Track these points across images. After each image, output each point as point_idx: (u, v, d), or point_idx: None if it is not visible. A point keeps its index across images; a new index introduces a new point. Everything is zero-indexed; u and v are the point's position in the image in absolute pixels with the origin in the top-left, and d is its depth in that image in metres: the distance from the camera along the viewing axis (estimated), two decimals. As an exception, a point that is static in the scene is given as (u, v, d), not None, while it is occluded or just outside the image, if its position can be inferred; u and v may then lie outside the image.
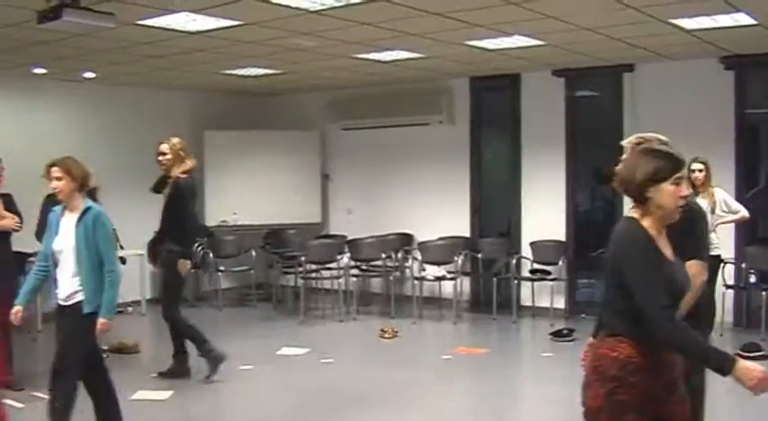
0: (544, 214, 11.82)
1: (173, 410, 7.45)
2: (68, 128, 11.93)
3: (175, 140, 8.50)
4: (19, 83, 11.37)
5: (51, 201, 6.60)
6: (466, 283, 12.20)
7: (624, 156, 3.76)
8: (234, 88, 13.17)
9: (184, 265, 8.37)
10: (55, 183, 5.80)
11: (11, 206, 7.93)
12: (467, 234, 12.37)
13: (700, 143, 10.00)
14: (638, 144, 4.05)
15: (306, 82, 12.60)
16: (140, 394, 7.78)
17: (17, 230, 7.89)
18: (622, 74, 11.18)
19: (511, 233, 12.14)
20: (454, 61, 10.75)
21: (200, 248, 12.71)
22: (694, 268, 4.36)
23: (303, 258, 11.89)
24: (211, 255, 12.82)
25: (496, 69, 11.53)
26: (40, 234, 6.97)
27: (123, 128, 12.48)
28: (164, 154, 8.44)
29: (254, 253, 13.09)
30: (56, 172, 5.79)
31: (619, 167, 3.66)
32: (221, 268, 12.88)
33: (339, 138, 13.68)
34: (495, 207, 12.53)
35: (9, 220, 7.79)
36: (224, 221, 13.27)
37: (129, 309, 11.96)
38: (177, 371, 8.41)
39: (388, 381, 8.29)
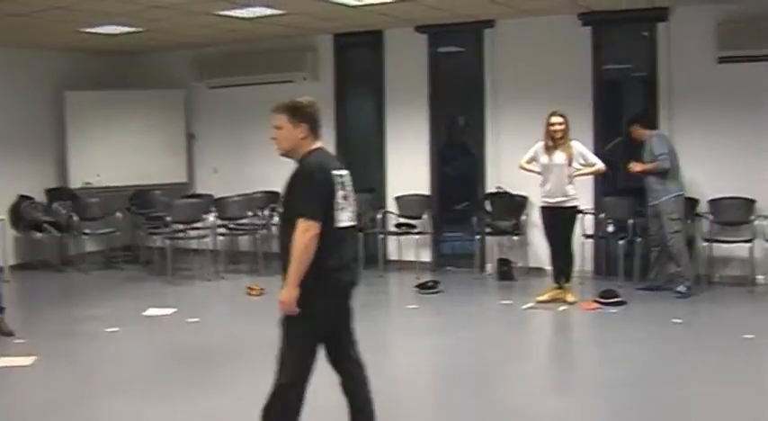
0: (409, 169, 11.97)
1: (38, 375, 7.33)
2: None
3: None
4: None
5: None
6: (333, 239, 12.26)
7: None
8: (95, 47, 12.87)
9: None
10: None
11: None
12: (332, 190, 12.41)
13: (559, 98, 10.32)
14: None
15: (169, 40, 12.43)
16: (2, 361, 7.66)
17: None
18: (483, 30, 11.36)
19: (377, 188, 12.23)
20: (316, 18, 10.76)
21: (63, 211, 12.52)
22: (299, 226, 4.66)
23: (168, 218, 11.79)
24: (75, 217, 12.56)
25: (360, 26, 11.57)
26: None
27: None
28: None
29: (119, 214, 12.91)
30: None
31: None
32: (86, 231, 12.66)
33: (204, 97, 13.56)
34: (361, 163, 12.60)
35: None
36: (87, 183, 13.02)
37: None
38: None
39: (255, 337, 8.33)
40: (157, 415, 6.19)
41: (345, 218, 4.87)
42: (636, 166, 9.81)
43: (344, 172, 4.97)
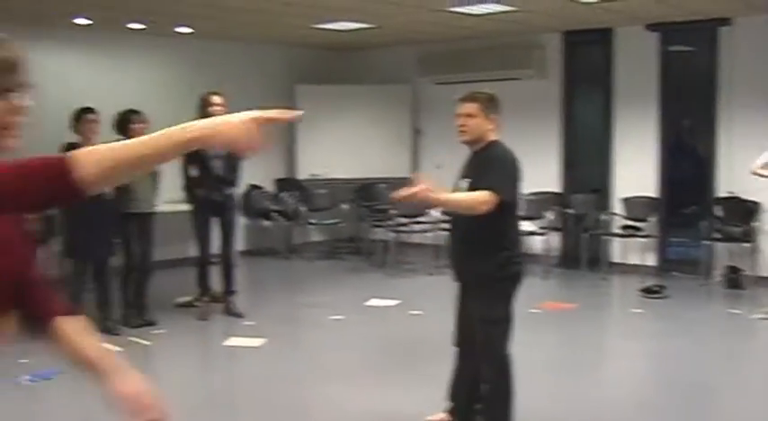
0: (636, 170, 11.70)
1: (266, 356, 7.68)
2: (161, 83, 12.15)
3: None
4: (115, 38, 11.57)
5: None
6: (555, 239, 12.16)
7: None
8: (326, 42, 13.23)
9: None
10: None
11: None
12: (557, 189, 12.32)
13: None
14: None
15: (398, 36, 12.61)
16: (233, 341, 8.03)
17: None
18: (718, 28, 10.97)
19: (602, 189, 12.04)
20: (547, 15, 10.67)
21: (292, 200, 12.98)
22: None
23: (394, 211, 12.00)
24: (303, 207, 12.96)
25: (589, 23, 11.42)
26: None
27: (216, 82, 12.55)
28: (223, 106, 8.79)
29: (345, 206, 13.22)
30: None
31: None
32: (312, 221, 13.05)
33: (431, 93, 13.66)
34: (586, 163, 12.45)
35: None
36: (314, 175, 13.40)
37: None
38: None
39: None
40: (374, 401, 6.37)
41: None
42: None
43: None
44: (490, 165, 5.12)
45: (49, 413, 6.29)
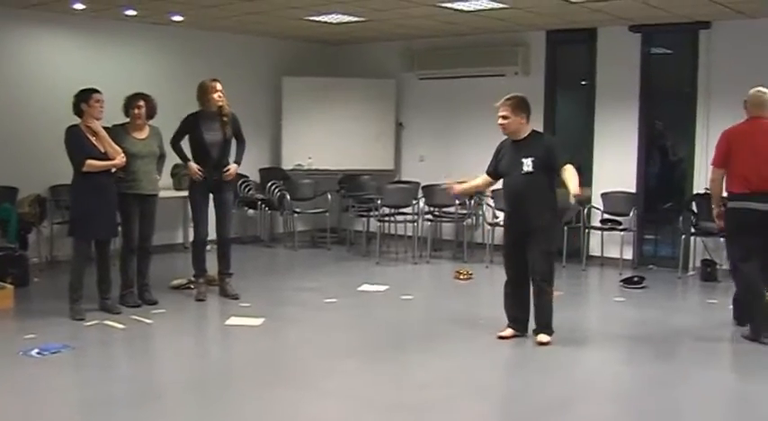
0: (615, 166, 11.97)
1: (268, 334, 7.92)
2: (152, 70, 12.25)
3: None
4: (110, 25, 11.68)
5: None
6: (536, 232, 12.39)
7: None
8: (313, 36, 13.44)
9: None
10: None
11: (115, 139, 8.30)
12: (538, 184, 12.53)
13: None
14: None
15: (384, 30, 12.81)
16: (234, 320, 8.23)
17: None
18: (699, 31, 11.26)
19: (582, 184, 12.25)
20: (534, 13, 10.91)
21: (277, 190, 13.14)
22: None
23: (379, 201, 12.22)
24: (288, 197, 13.16)
25: (574, 23, 11.68)
26: None
27: (206, 71, 12.70)
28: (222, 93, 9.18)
29: (329, 196, 13.42)
30: None
31: None
32: (297, 210, 13.26)
33: (414, 87, 13.92)
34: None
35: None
36: (299, 165, 13.61)
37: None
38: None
39: (470, 314, 8.68)
40: (375, 376, 6.65)
41: None
42: None
43: None
44: (556, 149, 7.58)
45: (60, 383, 6.43)
